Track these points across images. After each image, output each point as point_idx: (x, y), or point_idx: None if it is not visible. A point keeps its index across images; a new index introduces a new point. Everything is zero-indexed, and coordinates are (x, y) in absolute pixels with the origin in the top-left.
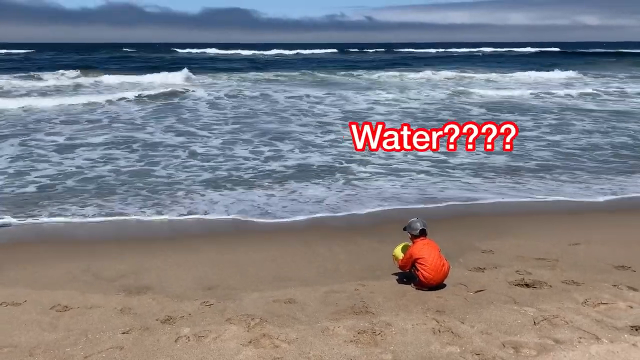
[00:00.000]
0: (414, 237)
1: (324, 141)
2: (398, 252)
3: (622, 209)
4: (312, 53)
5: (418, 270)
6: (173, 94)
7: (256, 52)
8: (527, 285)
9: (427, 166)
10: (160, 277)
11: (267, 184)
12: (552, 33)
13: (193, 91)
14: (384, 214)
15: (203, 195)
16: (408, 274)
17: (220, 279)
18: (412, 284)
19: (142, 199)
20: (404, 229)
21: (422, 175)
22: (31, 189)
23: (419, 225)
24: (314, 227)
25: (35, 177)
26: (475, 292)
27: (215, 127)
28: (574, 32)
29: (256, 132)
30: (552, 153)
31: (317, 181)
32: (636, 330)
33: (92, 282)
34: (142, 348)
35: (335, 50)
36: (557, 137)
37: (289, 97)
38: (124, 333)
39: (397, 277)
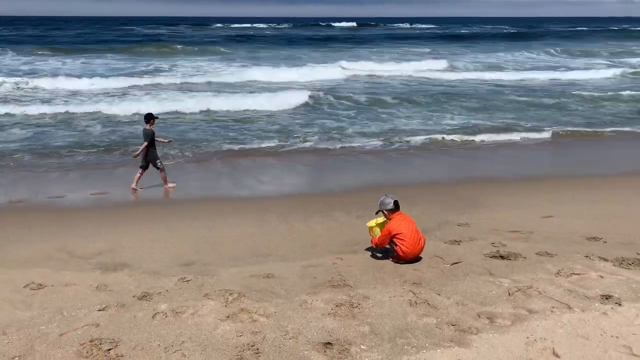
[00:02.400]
0: (389, 212)
1: None
2: (372, 223)
3: (595, 183)
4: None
5: (397, 245)
6: None
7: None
8: (502, 257)
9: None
10: (137, 254)
11: None
12: (530, 9)
13: None
14: (362, 189)
15: None
16: (385, 248)
17: (197, 256)
18: (389, 258)
19: None
20: (377, 213)
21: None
22: None
23: (390, 200)
24: (292, 203)
25: None
26: (451, 264)
27: None
28: (552, 8)
29: None
30: None
31: None
32: (607, 299)
33: (67, 260)
34: (118, 325)
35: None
36: None
37: None
38: (100, 310)
39: (374, 251)
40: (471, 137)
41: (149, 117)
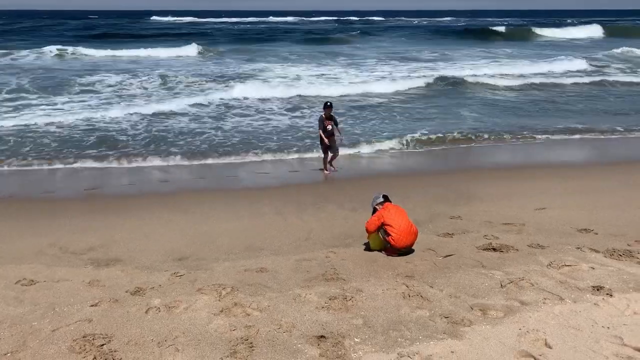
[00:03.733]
0: (381, 205)
1: None
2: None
3: (586, 175)
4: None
5: (389, 235)
6: None
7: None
8: (495, 250)
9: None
10: (130, 249)
11: None
12: (523, 1)
13: None
14: (356, 184)
15: None
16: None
17: (190, 250)
18: (382, 251)
19: None
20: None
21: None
22: None
23: (379, 194)
24: (286, 196)
25: None
26: (444, 257)
27: None
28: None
29: None
30: None
31: None
32: (598, 290)
33: (59, 256)
34: (111, 320)
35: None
36: None
37: None
38: (92, 305)
39: (367, 245)
40: None
41: (325, 105)
